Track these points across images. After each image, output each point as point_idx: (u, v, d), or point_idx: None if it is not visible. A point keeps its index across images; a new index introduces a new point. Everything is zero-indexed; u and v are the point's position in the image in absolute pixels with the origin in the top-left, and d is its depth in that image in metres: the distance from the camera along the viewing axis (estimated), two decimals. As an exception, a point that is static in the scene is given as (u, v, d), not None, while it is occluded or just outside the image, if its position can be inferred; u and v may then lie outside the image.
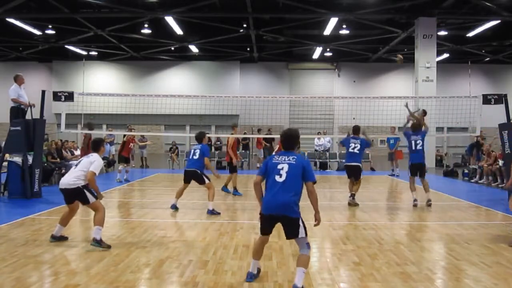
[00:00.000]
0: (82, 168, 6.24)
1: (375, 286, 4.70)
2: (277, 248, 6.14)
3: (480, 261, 5.58)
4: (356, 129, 10.54)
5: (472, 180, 15.54)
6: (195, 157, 9.05)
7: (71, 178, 6.22)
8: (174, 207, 9.04)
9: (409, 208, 10.27)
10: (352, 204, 9.98)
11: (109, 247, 6.03)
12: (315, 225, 4.69)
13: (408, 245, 6.46)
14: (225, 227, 7.51)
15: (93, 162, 6.23)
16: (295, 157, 4.68)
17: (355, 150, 10.33)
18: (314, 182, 4.65)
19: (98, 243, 5.97)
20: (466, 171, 16.74)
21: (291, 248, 6.14)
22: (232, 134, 12.54)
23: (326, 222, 8.20)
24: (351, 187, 10.29)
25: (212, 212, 8.73)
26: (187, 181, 9.17)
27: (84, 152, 13.62)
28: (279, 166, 4.62)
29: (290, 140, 4.78)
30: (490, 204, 10.22)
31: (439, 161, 22.13)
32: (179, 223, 7.90)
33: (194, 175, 9.06)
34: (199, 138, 9.40)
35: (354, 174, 10.33)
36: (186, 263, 5.60)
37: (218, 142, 23.03)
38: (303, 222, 4.60)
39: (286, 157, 4.68)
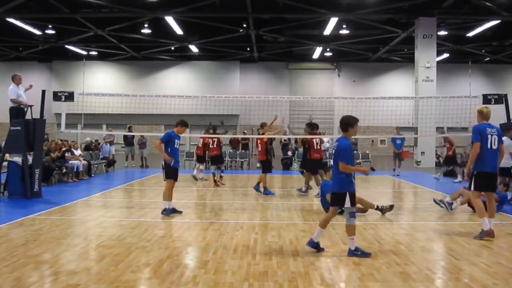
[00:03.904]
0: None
1: (375, 286, 4.70)
2: (277, 248, 6.14)
3: (480, 261, 5.58)
4: None
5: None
6: None
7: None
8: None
9: (409, 208, 10.29)
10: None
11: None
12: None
13: (408, 245, 6.46)
14: (225, 227, 7.50)
15: None
16: (338, 142, 5.89)
17: None
18: (345, 162, 5.70)
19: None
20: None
21: (291, 248, 6.15)
22: (262, 133, 12.43)
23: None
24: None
25: (163, 213, 8.48)
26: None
27: (216, 151, 13.71)
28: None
29: (341, 123, 5.95)
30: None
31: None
32: (179, 223, 7.90)
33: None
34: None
35: None
36: (186, 263, 5.61)
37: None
38: (349, 195, 5.73)
39: (336, 143, 5.94)
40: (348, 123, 5.88)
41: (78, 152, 15.84)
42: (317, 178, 11.42)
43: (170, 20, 21.59)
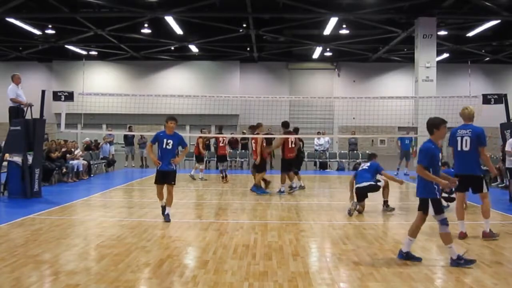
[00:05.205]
0: None
1: (375, 286, 4.70)
2: (277, 248, 6.14)
3: (480, 261, 5.57)
4: None
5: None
6: None
7: None
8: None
9: (410, 208, 10.27)
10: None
11: None
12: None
13: (408, 245, 6.45)
14: (225, 227, 7.51)
15: None
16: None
17: None
18: (421, 166, 5.36)
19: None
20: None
21: (291, 248, 6.15)
22: (258, 133, 12.50)
23: (326, 222, 8.21)
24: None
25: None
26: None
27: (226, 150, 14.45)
28: None
29: (426, 126, 5.65)
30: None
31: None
32: (179, 223, 7.90)
33: None
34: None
35: None
36: (186, 263, 5.61)
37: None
38: (432, 201, 5.39)
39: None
40: (433, 124, 5.51)
41: (77, 152, 15.82)
42: (290, 177, 12.04)
43: (170, 20, 21.57)
